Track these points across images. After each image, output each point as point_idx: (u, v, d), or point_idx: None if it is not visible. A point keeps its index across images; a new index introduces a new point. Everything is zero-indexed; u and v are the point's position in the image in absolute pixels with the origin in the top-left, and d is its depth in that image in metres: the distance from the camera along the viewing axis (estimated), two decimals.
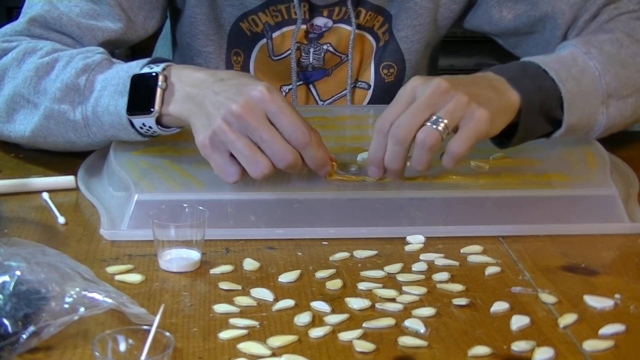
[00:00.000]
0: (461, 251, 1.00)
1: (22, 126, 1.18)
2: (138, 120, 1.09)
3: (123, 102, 1.09)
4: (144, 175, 1.08)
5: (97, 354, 0.74)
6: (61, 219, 1.06)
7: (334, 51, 1.34)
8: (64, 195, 1.13)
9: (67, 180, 1.15)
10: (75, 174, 1.17)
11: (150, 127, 1.09)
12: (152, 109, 1.07)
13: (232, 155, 1.01)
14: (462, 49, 2.83)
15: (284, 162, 1.00)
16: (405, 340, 0.82)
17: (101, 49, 1.18)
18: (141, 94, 1.08)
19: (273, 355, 0.80)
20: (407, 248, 1.01)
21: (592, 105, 1.15)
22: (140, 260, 0.97)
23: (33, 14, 1.23)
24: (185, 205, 0.97)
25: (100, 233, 1.02)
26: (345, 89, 1.38)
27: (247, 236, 1.02)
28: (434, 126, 1.00)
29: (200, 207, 0.96)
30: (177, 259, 0.95)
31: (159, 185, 1.06)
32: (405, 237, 1.02)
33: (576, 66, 1.15)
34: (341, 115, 1.35)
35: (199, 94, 1.04)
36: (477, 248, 1.01)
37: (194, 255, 0.96)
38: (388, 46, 1.37)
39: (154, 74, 1.08)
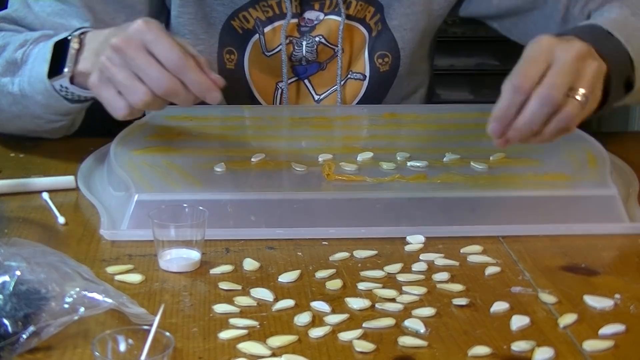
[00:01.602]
0: (461, 251, 1.00)
1: None
2: (57, 83, 1.14)
3: (46, 67, 1.15)
4: (144, 175, 1.08)
5: (97, 354, 0.74)
6: (61, 219, 1.06)
7: (327, 43, 1.35)
8: (64, 195, 1.13)
9: (67, 180, 1.15)
10: (75, 174, 1.17)
11: (67, 87, 1.14)
12: (64, 69, 1.13)
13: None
14: (462, 49, 2.83)
15: (161, 87, 1.01)
16: (405, 340, 0.82)
17: (47, 31, 1.23)
18: (60, 58, 1.14)
19: (273, 355, 0.80)
20: (407, 248, 1.01)
21: None
22: (140, 260, 0.97)
23: (3, 13, 1.29)
24: (185, 205, 0.97)
25: (100, 233, 1.02)
26: (342, 82, 1.38)
27: (247, 236, 1.02)
28: (578, 98, 0.98)
29: (200, 207, 0.96)
30: (177, 259, 0.95)
31: (159, 185, 1.06)
32: (405, 237, 1.02)
33: (631, 26, 1.15)
34: (341, 116, 1.35)
35: (99, 47, 1.08)
36: (477, 248, 1.01)
37: (194, 255, 0.96)
38: (381, 35, 1.37)
39: (69, 37, 1.14)
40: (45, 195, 1.11)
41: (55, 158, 1.25)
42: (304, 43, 1.34)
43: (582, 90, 0.97)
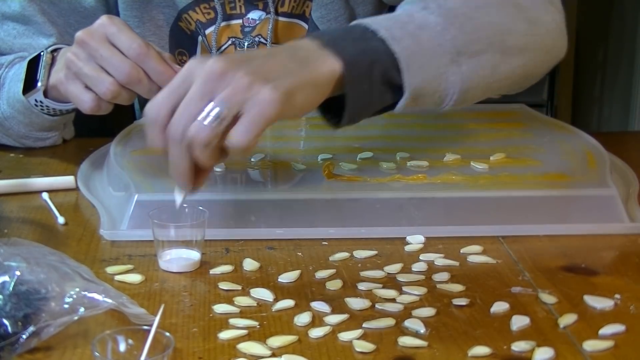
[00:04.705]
0: (461, 251, 1.00)
1: None
2: (31, 99, 1.18)
3: (21, 85, 1.18)
4: (144, 175, 1.08)
5: (97, 354, 0.74)
6: (61, 219, 1.06)
7: (266, 42, 1.35)
8: (64, 195, 1.13)
9: (67, 180, 1.15)
10: (75, 174, 1.17)
11: (41, 101, 1.18)
12: (37, 84, 1.16)
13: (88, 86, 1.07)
14: None
15: (124, 74, 1.03)
16: (405, 340, 0.82)
17: (21, 53, 1.26)
18: (33, 74, 1.17)
19: (273, 355, 0.80)
20: (407, 248, 1.01)
21: (438, 64, 0.97)
22: (140, 260, 0.97)
23: None
24: (185, 205, 0.97)
25: (100, 233, 1.02)
26: None
27: (247, 236, 1.02)
28: (205, 121, 0.85)
29: (200, 207, 0.96)
30: (177, 259, 0.95)
31: (159, 185, 1.06)
32: (405, 237, 1.02)
33: (413, 23, 0.98)
34: None
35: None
36: (477, 248, 1.01)
37: (194, 255, 0.96)
38: (309, 29, 1.37)
39: (41, 53, 1.17)
40: (45, 195, 1.11)
41: (55, 158, 1.25)
42: (246, 44, 1.35)
43: (213, 110, 0.85)
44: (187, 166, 0.88)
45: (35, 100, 1.18)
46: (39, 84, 1.16)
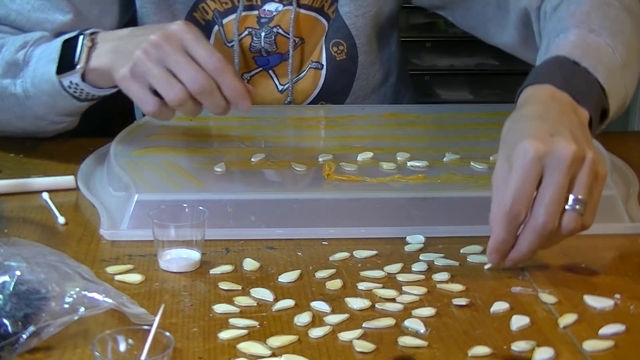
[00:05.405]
0: (461, 251, 1.00)
1: None
2: (66, 79, 1.15)
3: (54, 67, 1.16)
4: (144, 175, 1.08)
5: (97, 354, 0.74)
6: (61, 219, 1.06)
7: (284, 33, 1.35)
8: (64, 195, 1.13)
9: (67, 180, 1.15)
10: (75, 174, 1.17)
11: (77, 84, 1.15)
12: (77, 65, 1.14)
13: (152, 88, 1.06)
14: (462, 49, 2.82)
15: (197, 84, 1.03)
16: (405, 340, 0.82)
17: (45, 32, 1.23)
18: (69, 55, 1.15)
19: (273, 355, 0.80)
20: (407, 248, 1.01)
21: (620, 84, 1.08)
22: (140, 260, 0.97)
23: None
24: (185, 205, 0.97)
25: (100, 233, 1.02)
26: (303, 71, 1.38)
27: (247, 236, 1.02)
28: (576, 210, 0.90)
29: (200, 207, 0.96)
30: (177, 259, 0.95)
31: (159, 185, 1.06)
32: (405, 237, 1.02)
33: (591, 48, 1.07)
34: (342, 115, 1.35)
35: (121, 43, 1.10)
36: (477, 248, 1.00)
37: (194, 255, 0.96)
38: (334, 23, 1.37)
39: (80, 36, 1.15)
40: (45, 195, 1.11)
41: (55, 158, 1.25)
42: (263, 34, 1.35)
43: (576, 198, 0.90)
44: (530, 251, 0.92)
45: (70, 82, 1.16)
46: (79, 66, 1.14)
